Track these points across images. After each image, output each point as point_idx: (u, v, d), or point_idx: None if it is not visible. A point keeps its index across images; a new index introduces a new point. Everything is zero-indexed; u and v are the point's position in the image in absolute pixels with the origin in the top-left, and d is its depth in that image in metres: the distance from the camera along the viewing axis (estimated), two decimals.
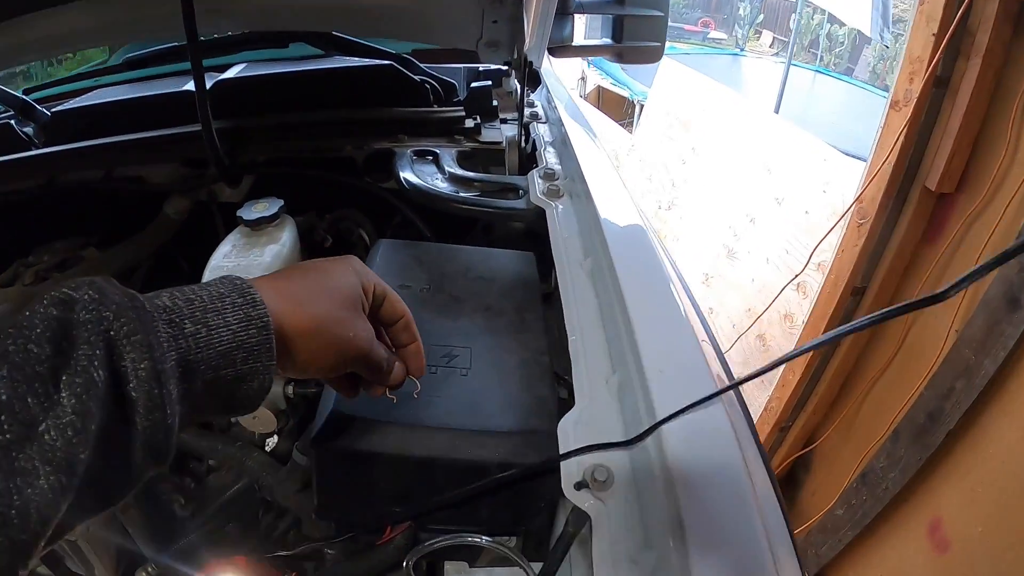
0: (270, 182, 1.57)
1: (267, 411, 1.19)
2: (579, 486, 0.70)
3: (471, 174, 1.34)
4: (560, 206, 1.18)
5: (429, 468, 0.84)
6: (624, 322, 0.83)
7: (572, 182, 1.24)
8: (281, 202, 1.32)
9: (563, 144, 1.40)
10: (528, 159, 1.51)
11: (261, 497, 1.21)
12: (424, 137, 1.53)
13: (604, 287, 0.94)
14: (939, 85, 1.89)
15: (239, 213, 1.26)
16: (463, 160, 1.45)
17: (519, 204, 1.23)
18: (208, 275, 1.15)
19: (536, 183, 1.25)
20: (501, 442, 0.84)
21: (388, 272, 1.09)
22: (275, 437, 1.24)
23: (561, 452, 0.74)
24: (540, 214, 1.19)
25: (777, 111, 6.37)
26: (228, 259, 1.19)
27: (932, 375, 1.77)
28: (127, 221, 1.51)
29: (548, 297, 1.19)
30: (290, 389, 1.23)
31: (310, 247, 1.41)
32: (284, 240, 1.23)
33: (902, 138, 1.94)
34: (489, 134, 1.55)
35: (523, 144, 1.50)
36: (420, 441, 0.82)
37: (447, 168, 1.37)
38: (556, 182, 1.24)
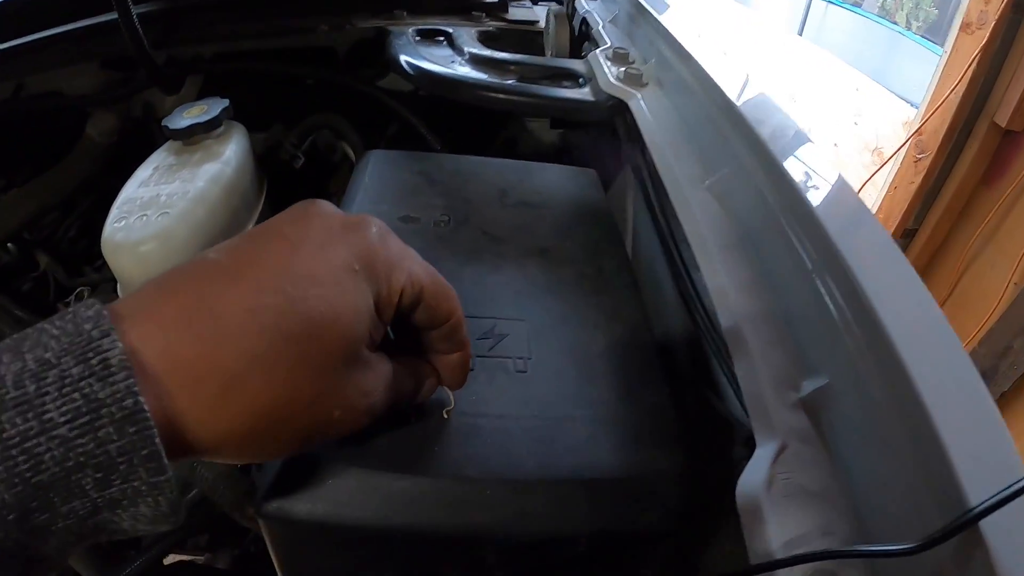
0: (221, 85, 1.15)
1: None
2: None
3: (505, 55, 0.92)
4: (646, 97, 0.77)
5: (466, 548, 0.46)
6: (834, 283, 0.44)
7: (658, 67, 0.82)
8: (224, 103, 0.91)
9: (631, 21, 0.98)
10: (576, 44, 1.08)
11: (219, 512, 0.85)
12: (430, 15, 1.10)
13: (758, 220, 0.55)
14: (1017, 11, 1.64)
15: (164, 122, 0.86)
16: (487, 43, 1.02)
17: (585, 95, 0.82)
18: (111, 218, 0.75)
19: (604, 67, 0.83)
20: (595, 498, 0.46)
21: (384, 197, 0.69)
22: None
23: (752, 550, 0.38)
24: (617, 109, 0.78)
25: (801, 33, 5.82)
26: (145, 188, 0.79)
27: (987, 331, 1.67)
28: (52, 154, 1.09)
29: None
30: None
31: (274, 170, 1.00)
32: (228, 156, 0.82)
33: (974, 65, 1.71)
34: (518, 12, 1.12)
35: (572, 19, 1.07)
36: (449, 502, 0.44)
37: (467, 49, 0.94)
38: (634, 66, 0.82)
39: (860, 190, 2.22)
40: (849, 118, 3.10)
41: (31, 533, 0.25)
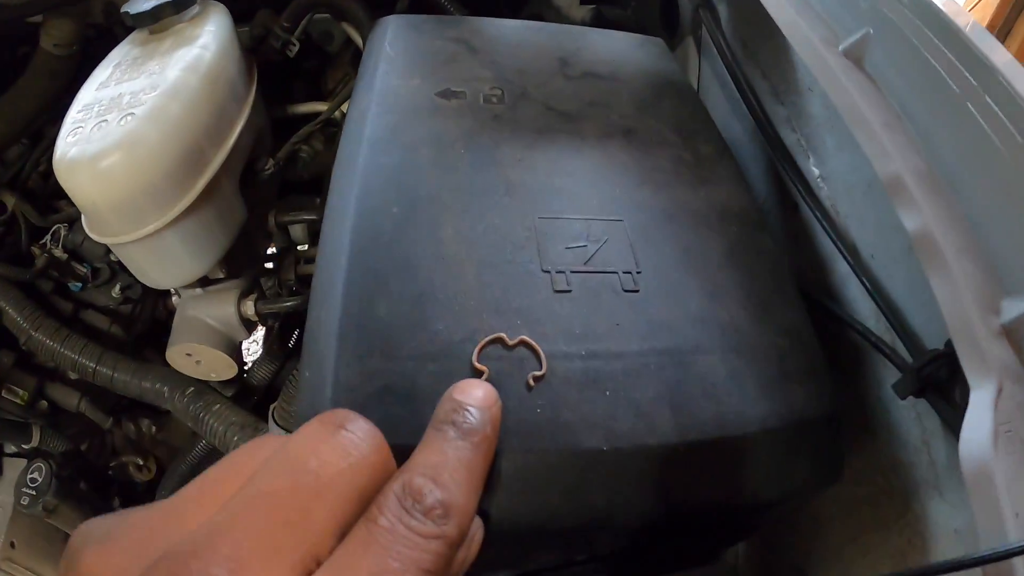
0: None
1: (219, 353, 0.69)
2: None
3: None
4: None
5: (585, 535, 0.35)
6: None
7: None
8: None
9: None
10: None
11: None
12: None
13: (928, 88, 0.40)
14: None
15: (124, 7, 0.67)
16: None
17: None
18: (63, 132, 0.59)
19: None
20: (748, 460, 0.35)
21: (413, 69, 0.53)
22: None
23: (982, 526, 0.31)
24: None
25: None
26: (104, 90, 0.62)
27: None
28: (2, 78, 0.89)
29: None
30: (250, 306, 0.72)
31: (265, 62, 0.83)
32: (206, 40, 0.65)
33: None
34: None
35: None
36: (565, 482, 0.32)
37: None
38: None
39: None
40: None
41: None
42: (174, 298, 0.79)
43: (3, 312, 0.82)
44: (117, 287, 0.86)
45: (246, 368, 0.82)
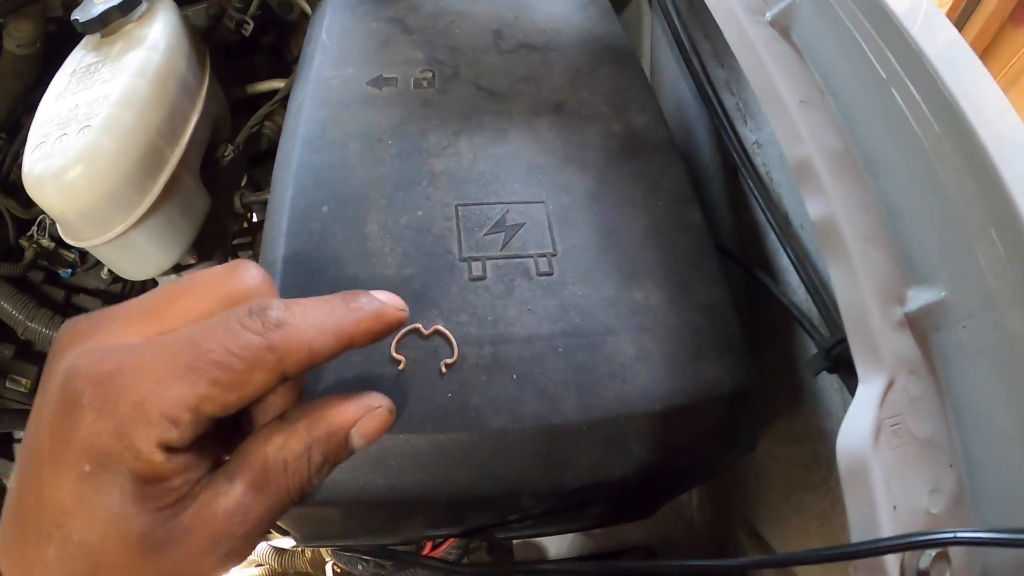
0: None
1: None
2: None
3: None
4: None
5: (496, 503, 0.38)
6: (960, 155, 0.32)
7: None
8: None
9: None
10: None
11: None
12: None
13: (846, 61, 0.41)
14: None
15: (73, 15, 0.68)
16: None
17: None
18: (28, 147, 0.61)
19: None
20: (648, 435, 0.37)
21: (348, 57, 0.54)
22: None
23: (854, 525, 0.32)
24: None
25: None
26: (62, 101, 0.63)
27: None
28: None
29: None
30: None
31: (220, 43, 0.83)
32: (154, 39, 0.65)
33: None
34: None
35: None
36: (475, 460, 0.35)
37: None
38: None
39: None
40: None
41: None
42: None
43: None
44: (105, 269, 0.89)
45: None
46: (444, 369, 0.36)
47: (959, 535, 0.29)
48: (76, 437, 0.23)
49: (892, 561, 0.31)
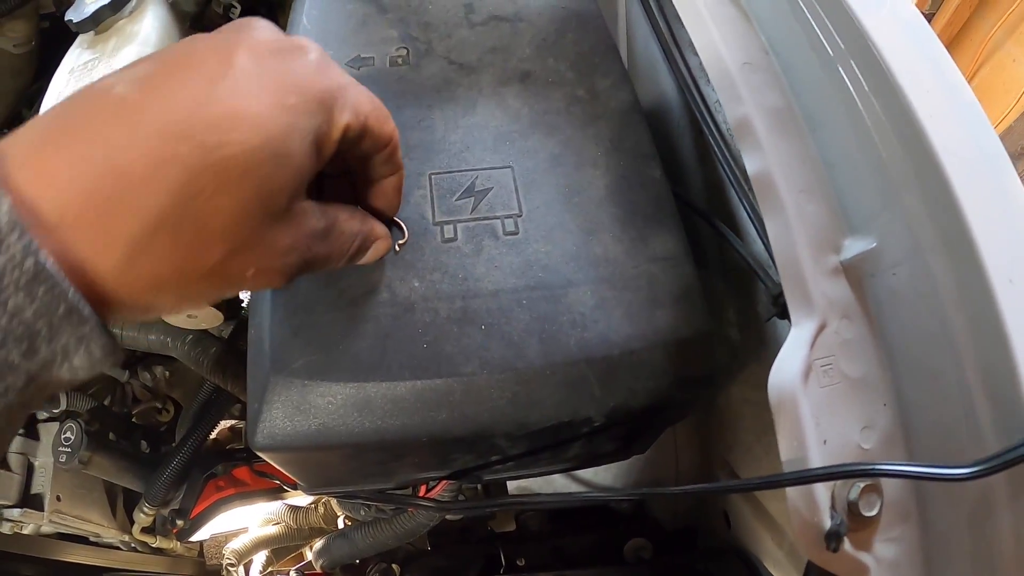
0: None
1: (209, 308, 0.76)
2: (831, 538, 0.31)
3: None
4: None
5: (471, 442, 0.42)
6: (887, 117, 0.35)
7: None
8: None
9: None
10: None
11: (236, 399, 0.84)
12: None
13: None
14: None
15: (67, 16, 0.71)
16: None
17: None
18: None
19: None
20: (607, 377, 0.41)
21: (326, 38, 0.56)
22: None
23: (784, 457, 0.35)
24: None
25: None
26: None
27: (1006, 127, 1.59)
28: None
29: None
30: None
31: (209, 28, 0.85)
32: (146, 34, 0.68)
33: None
34: None
35: None
36: (448, 403, 0.39)
37: None
38: None
39: None
40: None
41: None
42: None
43: None
44: None
45: (243, 305, 0.89)
46: (398, 248, 0.42)
47: (882, 466, 0.32)
48: (292, 78, 0.29)
49: (822, 490, 0.34)
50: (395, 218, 0.42)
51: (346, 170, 0.37)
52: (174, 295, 0.28)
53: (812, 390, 0.36)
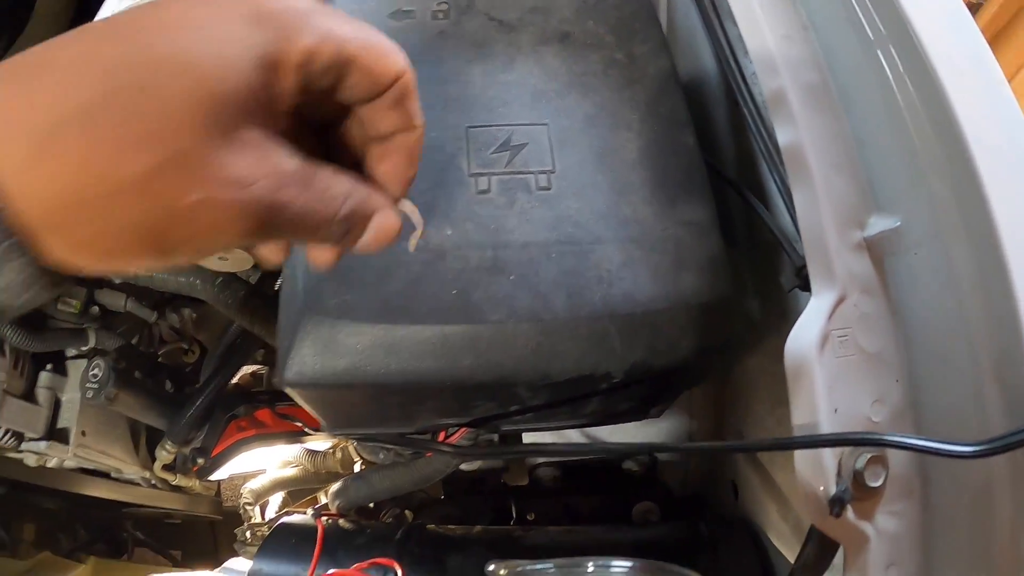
0: None
1: (239, 251, 0.78)
2: (835, 503, 0.33)
3: None
4: None
5: (494, 390, 0.43)
6: (920, 101, 0.35)
7: None
8: None
9: None
10: None
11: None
12: None
13: None
14: None
15: None
16: None
17: None
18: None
19: None
20: (630, 333, 0.42)
21: None
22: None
23: (796, 422, 0.36)
24: None
25: None
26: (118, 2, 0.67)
27: None
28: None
29: None
30: None
31: None
32: None
33: None
34: None
35: None
36: (474, 349, 0.41)
37: None
38: None
39: None
40: None
41: None
42: None
43: None
44: None
45: None
46: (413, 245, 0.37)
47: (890, 438, 0.33)
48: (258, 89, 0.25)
49: (830, 456, 0.35)
50: (409, 202, 0.33)
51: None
52: (96, 218, 0.24)
53: (828, 359, 0.37)
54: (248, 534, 0.96)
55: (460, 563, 0.54)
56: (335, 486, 0.65)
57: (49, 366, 0.94)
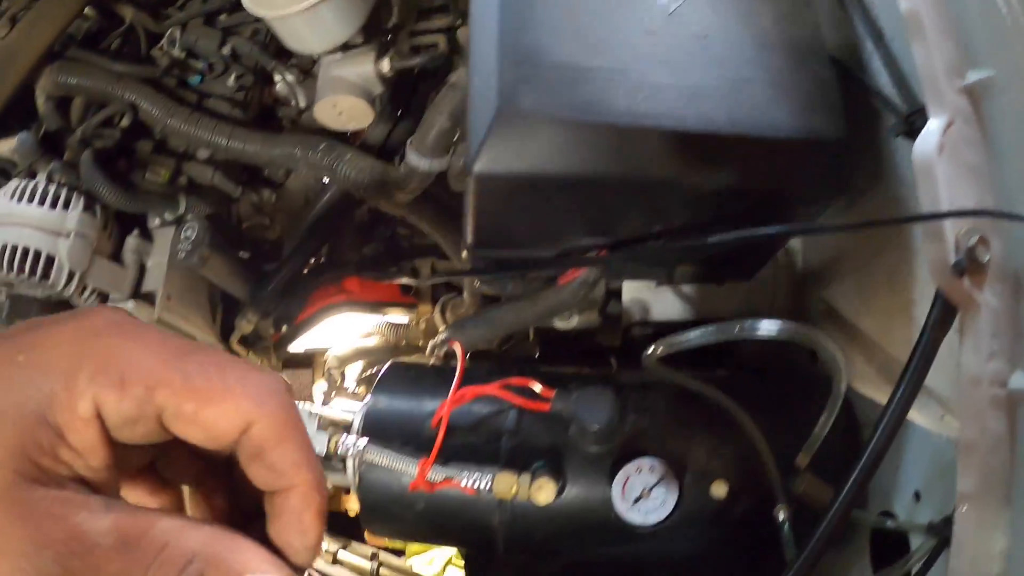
0: None
1: (360, 101, 0.83)
2: (957, 266, 0.42)
3: None
4: None
5: (654, 194, 0.51)
6: None
7: None
8: None
9: None
10: None
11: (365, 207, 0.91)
12: None
13: None
14: None
15: None
16: None
17: None
18: None
19: None
20: (776, 156, 0.50)
21: None
22: None
23: (921, 202, 0.45)
24: None
25: None
26: None
27: None
28: None
29: None
30: (386, 63, 0.84)
31: None
32: None
33: None
34: None
35: None
36: (647, 152, 0.48)
37: None
38: None
39: None
40: None
41: None
42: (280, 79, 0.94)
43: (138, 106, 0.96)
44: (232, 77, 0.98)
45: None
46: None
47: (1000, 211, 0.41)
48: (35, 335, 0.24)
49: (949, 229, 0.44)
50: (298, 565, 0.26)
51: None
52: None
53: (944, 161, 0.45)
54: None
55: (585, 387, 0.61)
56: (446, 330, 0.71)
57: (136, 231, 0.98)
